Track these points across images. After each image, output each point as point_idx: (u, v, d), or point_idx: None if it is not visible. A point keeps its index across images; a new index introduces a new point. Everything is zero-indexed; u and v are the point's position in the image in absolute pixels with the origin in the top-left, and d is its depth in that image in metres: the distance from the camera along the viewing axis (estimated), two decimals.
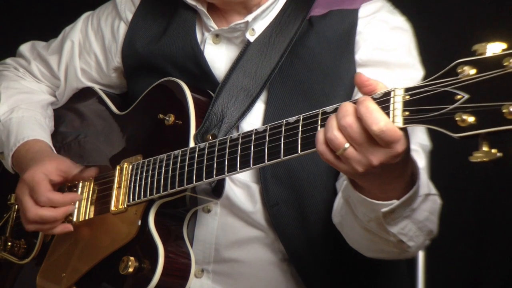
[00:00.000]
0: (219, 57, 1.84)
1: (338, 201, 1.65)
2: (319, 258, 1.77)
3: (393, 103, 1.25)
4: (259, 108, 1.77)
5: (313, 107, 1.68)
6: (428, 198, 1.55)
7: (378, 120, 1.24)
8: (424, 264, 2.07)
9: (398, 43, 1.77)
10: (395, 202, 1.43)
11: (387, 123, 1.24)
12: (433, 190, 1.60)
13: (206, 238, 1.80)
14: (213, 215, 1.79)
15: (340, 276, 1.79)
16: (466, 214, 2.59)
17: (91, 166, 1.92)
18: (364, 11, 1.78)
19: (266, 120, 1.74)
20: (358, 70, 1.74)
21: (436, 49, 2.01)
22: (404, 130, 1.26)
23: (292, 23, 1.78)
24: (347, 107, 1.30)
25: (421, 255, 2.07)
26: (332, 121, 1.30)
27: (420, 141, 1.72)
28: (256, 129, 1.51)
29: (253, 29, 1.80)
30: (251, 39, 1.80)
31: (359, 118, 1.27)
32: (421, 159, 1.70)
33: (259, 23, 1.80)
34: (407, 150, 1.31)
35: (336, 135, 1.28)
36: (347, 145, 1.29)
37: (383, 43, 1.75)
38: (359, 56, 1.74)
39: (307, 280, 1.78)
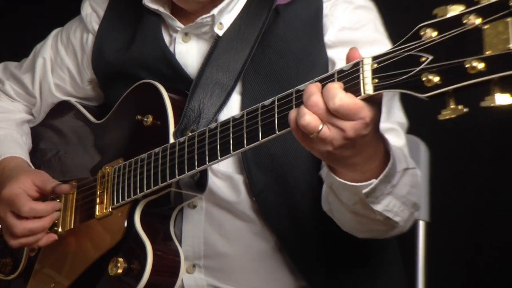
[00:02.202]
0: (190, 54, 1.86)
1: (324, 189, 1.67)
2: (310, 241, 1.79)
3: (362, 72, 1.28)
4: (235, 100, 1.79)
5: None
6: (406, 172, 1.58)
7: (333, 96, 1.29)
8: (424, 265, 2.09)
9: (364, 21, 1.81)
10: (374, 181, 1.46)
11: (341, 98, 1.28)
12: (411, 164, 1.64)
13: (194, 233, 1.81)
14: (199, 210, 1.81)
15: (333, 258, 1.81)
16: (466, 214, 2.62)
17: (71, 180, 1.93)
18: None
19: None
20: (328, 51, 1.77)
21: (400, 23, 2.05)
22: (370, 99, 1.30)
23: (259, 14, 1.80)
24: (311, 88, 1.33)
25: (421, 256, 2.10)
26: (302, 107, 1.33)
27: (397, 119, 1.76)
28: (233, 116, 1.54)
29: (221, 23, 1.82)
30: (220, 33, 1.82)
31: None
32: (400, 138, 1.74)
33: (226, 16, 1.83)
34: (376, 120, 1.35)
35: (308, 119, 1.31)
36: (320, 126, 1.32)
37: (349, 22, 1.79)
38: (328, 37, 1.78)
39: (300, 265, 1.80)
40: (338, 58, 1.76)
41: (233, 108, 1.79)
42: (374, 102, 1.31)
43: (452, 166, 2.56)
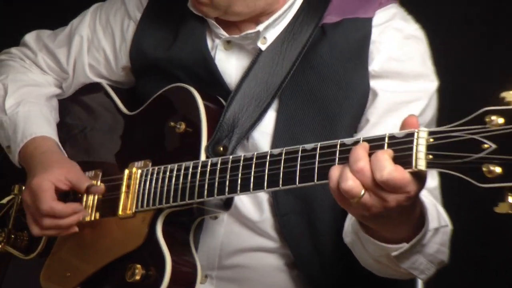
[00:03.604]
0: (230, 63, 1.83)
1: (348, 222, 1.65)
2: (328, 266, 1.77)
3: (416, 145, 1.23)
4: (270, 117, 1.76)
5: (325, 117, 1.69)
6: (438, 231, 1.55)
7: (382, 168, 1.24)
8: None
9: (412, 53, 1.75)
10: (405, 246, 1.44)
11: (390, 171, 1.24)
12: (444, 221, 1.61)
13: (211, 244, 1.80)
14: (220, 222, 1.79)
15: (346, 280, 1.80)
16: (467, 215, 2.56)
17: (95, 166, 1.91)
18: (377, 19, 1.76)
19: (277, 129, 1.74)
20: (372, 81, 1.72)
21: (449, 60, 1.97)
22: (418, 173, 1.26)
23: (304, 31, 1.76)
24: (358, 152, 1.29)
25: None
26: (346, 171, 1.29)
27: None
28: (271, 151, 1.50)
29: (264, 38, 1.78)
30: (263, 47, 1.78)
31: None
32: (433, 179, 1.70)
33: (271, 31, 1.79)
34: (420, 191, 1.32)
35: (351, 185, 1.27)
36: (362, 192, 1.28)
37: (397, 53, 1.74)
38: (373, 67, 1.73)
39: (314, 285, 1.78)
40: (380, 89, 1.71)
41: (267, 125, 1.76)
42: (421, 175, 1.28)
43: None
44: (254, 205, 1.77)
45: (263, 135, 1.75)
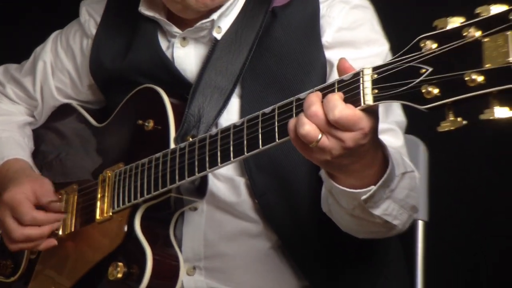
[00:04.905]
0: (189, 58, 1.86)
1: (324, 190, 1.68)
2: (311, 241, 1.79)
3: (362, 83, 1.29)
4: (235, 103, 1.79)
5: (288, 96, 1.70)
6: (405, 176, 1.59)
7: (333, 108, 1.30)
8: (423, 265, 2.09)
9: (360, 21, 1.80)
10: (373, 188, 1.48)
11: (341, 109, 1.29)
12: (409, 167, 1.64)
13: (194, 235, 1.81)
14: (200, 213, 1.81)
15: (335, 257, 1.82)
16: (466, 214, 2.62)
17: (72, 183, 1.95)
18: None
19: (242, 114, 1.76)
20: (326, 52, 1.77)
21: (398, 24, 2.04)
22: (369, 109, 1.31)
23: (256, 16, 1.80)
24: (311, 98, 1.34)
25: (420, 256, 2.10)
26: (302, 117, 1.34)
27: (396, 119, 1.76)
28: (234, 124, 1.54)
29: (219, 27, 1.82)
30: (218, 36, 1.82)
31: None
32: (398, 138, 1.75)
33: (224, 20, 1.83)
34: (375, 129, 1.36)
35: (307, 129, 1.32)
36: (319, 136, 1.33)
37: (346, 22, 1.79)
38: (325, 39, 1.78)
39: (302, 265, 1.80)
40: (336, 59, 1.70)
41: (232, 111, 1.79)
42: (372, 111, 1.32)
43: (451, 165, 2.56)
44: (230, 189, 1.79)
45: (230, 122, 1.72)
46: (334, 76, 1.74)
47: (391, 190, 1.53)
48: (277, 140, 1.43)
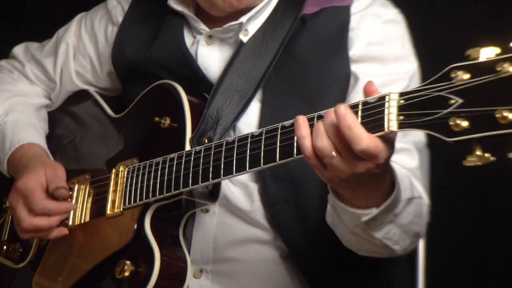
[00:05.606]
0: (212, 57, 1.85)
1: (328, 205, 1.66)
2: (320, 254, 1.78)
3: (388, 107, 1.25)
4: (255, 107, 1.77)
5: (309, 105, 1.71)
6: (411, 202, 1.56)
7: (360, 139, 1.27)
8: (424, 265, 2.07)
9: (391, 36, 1.77)
10: (374, 211, 1.45)
11: (369, 141, 1.27)
12: (417, 193, 1.62)
13: (204, 238, 1.80)
14: (211, 215, 1.80)
15: (340, 270, 1.81)
16: (466, 213, 2.60)
17: (85, 171, 1.93)
18: (356, 7, 1.78)
19: (262, 119, 1.75)
20: (352, 66, 1.74)
21: (430, 44, 2.00)
22: (388, 137, 1.29)
23: (284, 22, 1.78)
24: (332, 116, 1.31)
25: (421, 255, 2.08)
26: (320, 128, 1.32)
27: (414, 139, 1.73)
28: (252, 133, 1.52)
29: (246, 30, 1.80)
30: (244, 39, 1.80)
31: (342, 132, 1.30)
32: (413, 159, 1.71)
33: (252, 23, 1.81)
34: (389, 158, 1.34)
35: (324, 143, 1.30)
36: (334, 153, 1.31)
37: (376, 37, 1.76)
38: (353, 52, 1.75)
39: (308, 276, 1.79)
40: (362, 73, 1.73)
41: (252, 115, 1.77)
42: (391, 141, 1.30)
43: (452, 166, 2.53)
44: (244, 195, 1.77)
45: (248, 126, 1.76)
46: (357, 90, 1.73)
47: (395, 215, 1.51)
48: (294, 155, 1.41)
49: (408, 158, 1.69)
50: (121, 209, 1.79)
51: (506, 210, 2.55)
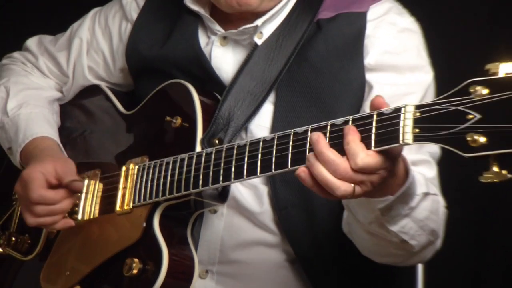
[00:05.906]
0: (226, 59, 1.84)
1: (344, 210, 1.65)
2: (326, 260, 1.77)
3: (403, 120, 1.24)
4: (267, 109, 1.77)
5: (321, 110, 1.70)
6: (427, 197, 1.55)
7: (355, 157, 1.30)
8: (424, 265, 2.06)
9: (407, 46, 1.76)
10: (390, 198, 1.44)
11: (362, 158, 1.29)
12: (433, 190, 1.61)
13: (211, 238, 1.80)
14: (219, 216, 1.79)
15: (346, 276, 1.80)
16: (466, 213, 2.56)
17: (94, 166, 1.93)
18: (372, 14, 1.77)
19: (274, 122, 1.75)
20: (367, 74, 1.73)
21: (445, 53, 1.98)
22: (388, 150, 1.29)
23: (299, 26, 1.77)
24: (331, 157, 1.34)
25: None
26: (332, 180, 1.35)
27: (430, 150, 1.72)
28: (264, 138, 1.51)
29: (261, 32, 1.80)
30: (259, 42, 1.80)
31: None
32: (432, 169, 1.70)
33: (267, 26, 1.80)
34: (398, 160, 1.35)
35: (344, 189, 1.33)
36: (353, 187, 1.34)
37: (391, 46, 1.74)
38: (368, 60, 1.73)
39: (314, 281, 1.78)
40: (376, 82, 1.72)
41: (264, 117, 1.77)
42: (396, 154, 1.32)
43: (452, 165, 2.53)
44: (254, 197, 1.77)
45: (260, 129, 1.76)
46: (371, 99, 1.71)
47: (411, 208, 1.50)
48: (306, 163, 1.39)
49: (426, 169, 1.68)
50: (131, 207, 1.78)
51: (506, 210, 2.55)
